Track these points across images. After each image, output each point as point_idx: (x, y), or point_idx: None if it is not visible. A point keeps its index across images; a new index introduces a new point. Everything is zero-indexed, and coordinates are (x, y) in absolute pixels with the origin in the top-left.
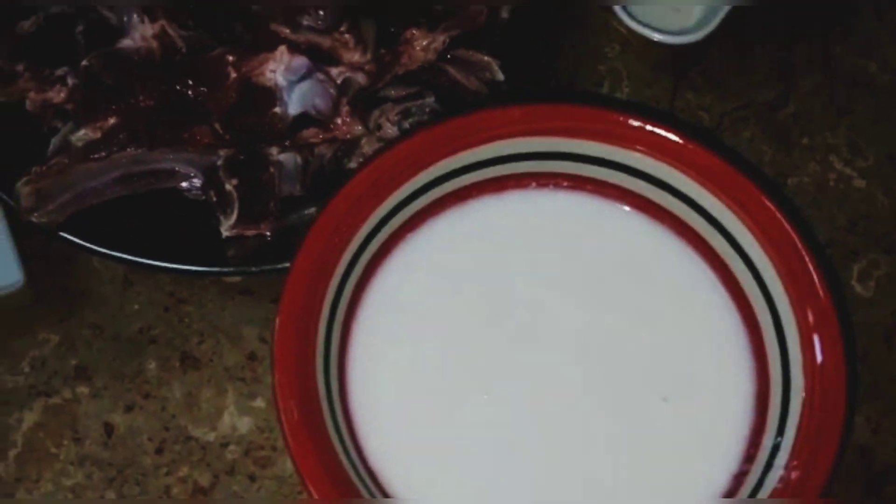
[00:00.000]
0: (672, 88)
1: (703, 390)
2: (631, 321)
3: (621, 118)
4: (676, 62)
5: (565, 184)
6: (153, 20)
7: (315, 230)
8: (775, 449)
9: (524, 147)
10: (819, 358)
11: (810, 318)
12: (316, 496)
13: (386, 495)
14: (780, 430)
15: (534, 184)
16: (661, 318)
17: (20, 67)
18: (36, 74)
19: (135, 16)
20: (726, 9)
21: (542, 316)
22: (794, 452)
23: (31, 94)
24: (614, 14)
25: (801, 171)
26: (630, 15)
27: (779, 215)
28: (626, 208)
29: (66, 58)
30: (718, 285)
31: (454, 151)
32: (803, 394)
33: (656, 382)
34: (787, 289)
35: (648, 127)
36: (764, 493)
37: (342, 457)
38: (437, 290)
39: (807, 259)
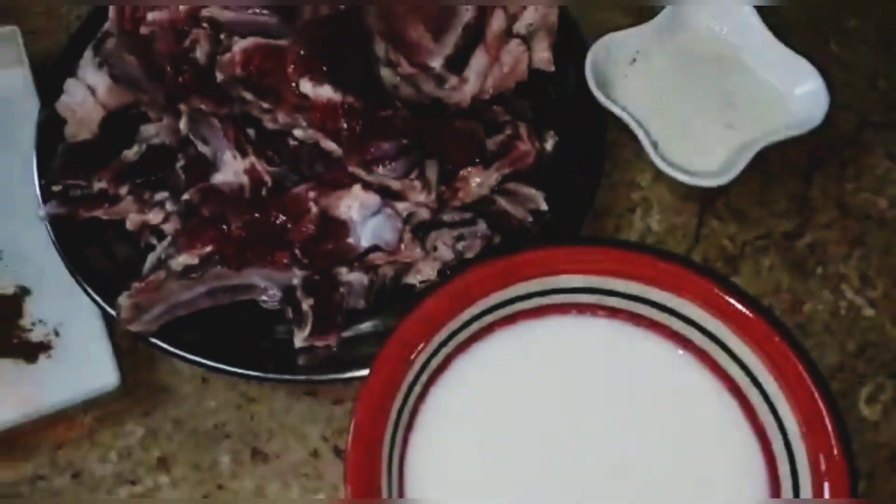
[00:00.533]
0: (698, 217)
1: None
2: (657, 440)
3: (649, 261)
4: (703, 193)
5: (601, 312)
6: (244, 156)
7: (383, 357)
8: None
9: (565, 283)
10: (826, 495)
11: (823, 466)
12: None
13: None
14: None
15: (574, 311)
16: (681, 435)
17: (124, 190)
18: (137, 197)
19: (227, 152)
20: (750, 156)
21: (578, 429)
22: None
23: (132, 215)
24: (646, 153)
25: (816, 299)
26: (660, 155)
27: (801, 369)
28: (654, 336)
29: (164, 184)
30: (736, 408)
31: (503, 286)
32: None
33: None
34: (804, 437)
35: (671, 268)
36: None
37: None
38: (485, 406)
39: (825, 414)
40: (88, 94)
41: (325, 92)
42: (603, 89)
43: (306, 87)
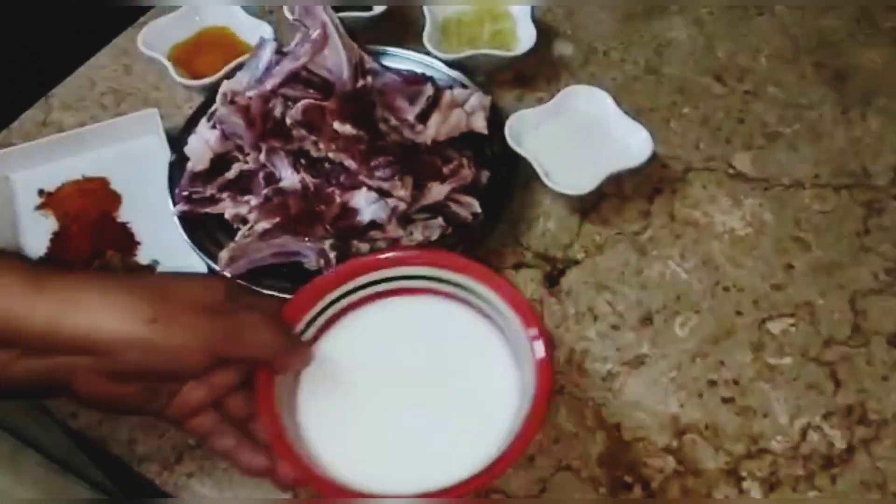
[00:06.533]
0: (579, 223)
1: (489, 387)
2: (449, 359)
3: (460, 260)
4: (582, 208)
5: (442, 293)
6: (298, 173)
7: (290, 304)
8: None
9: (414, 272)
10: (538, 351)
11: (533, 334)
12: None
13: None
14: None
15: (429, 293)
16: (465, 354)
17: (225, 195)
18: (233, 199)
19: (288, 170)
20: (603, 176)
21: (400, 361)
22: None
23: (229, 209)
24: (544, 182)
25: (651, 269)
26: (551, 180)
27: (519, 295)
28: (452, 303)
29: (250, 191)
30: (496, 333)
31: (375, 269)
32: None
33: (465, 386)
34: (522, 323)
35: (474, 264)
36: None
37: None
38: (353, 349)
39: (530, 310)
40: (204, 142)
41: (348, 129)
42: (517, 142)
43: (337, 125)
